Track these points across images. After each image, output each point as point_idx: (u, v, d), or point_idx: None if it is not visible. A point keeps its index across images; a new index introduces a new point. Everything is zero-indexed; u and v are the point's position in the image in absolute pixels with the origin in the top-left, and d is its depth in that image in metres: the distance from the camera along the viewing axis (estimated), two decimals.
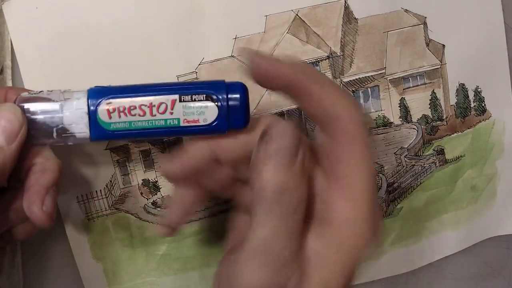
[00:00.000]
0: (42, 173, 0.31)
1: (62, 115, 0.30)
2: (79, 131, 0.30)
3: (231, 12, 0.39)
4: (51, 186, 0.31)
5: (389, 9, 0.42)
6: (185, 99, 0.30)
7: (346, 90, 0.31)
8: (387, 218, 0.45)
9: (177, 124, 0.31)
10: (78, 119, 0.30)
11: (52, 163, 0.32)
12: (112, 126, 0.30)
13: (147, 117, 0.30)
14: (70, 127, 0.30)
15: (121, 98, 0.30)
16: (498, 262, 0.51)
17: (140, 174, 0.41)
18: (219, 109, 0.31)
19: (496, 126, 0.46)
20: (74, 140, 0.31)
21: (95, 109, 0.30)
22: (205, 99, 0.30)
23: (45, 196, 0.31)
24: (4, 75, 0.37)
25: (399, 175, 0.45)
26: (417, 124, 0.44)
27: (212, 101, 0.31)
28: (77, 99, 0.30)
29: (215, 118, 0.31)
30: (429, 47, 0.43)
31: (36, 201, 0.30)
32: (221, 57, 0.40)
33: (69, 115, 0.30)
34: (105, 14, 0.37)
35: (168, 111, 0.30)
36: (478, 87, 0.45)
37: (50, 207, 0.31)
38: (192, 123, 0.31)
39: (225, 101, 0.31)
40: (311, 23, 0.41)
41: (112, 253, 0.42)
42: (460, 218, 0.47)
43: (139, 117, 0.30)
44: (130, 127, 0.30)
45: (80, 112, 0.30)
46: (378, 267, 0.46)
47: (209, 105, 0.31)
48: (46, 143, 0.31)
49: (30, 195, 0.31)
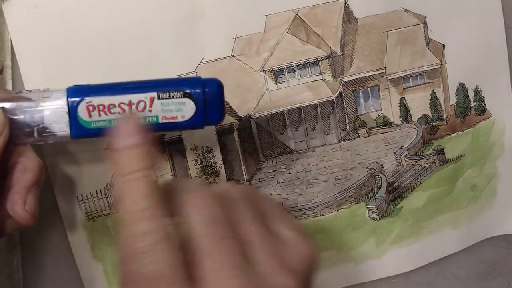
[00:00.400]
0: (23, 173, 0.31)
1: (42, 115, 0.30)
2: (60, 130, 0.31)
3: (231, 12, 0.39)
4: (33, 185, 0.31)
5: (389, 9, 0.42)
6: (163, 97, 0.31)
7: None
8: (387, 218, 0.45)
9: (156, 121, 0.31)
10: (59, 119, 0.30)
11: (33, 162, 0.32)
12: (92, 125, 0.31)
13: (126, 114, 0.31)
14: (50, 126, 0.31)
15: (101, 96, 0.30)
16: (498, 262, 0.51)
17: None
18: (196, 105, 0.31)
19: (496, 126, 0.46)
20: (55, 138, 0.31)
21: (75, 108, 0.30)
22: (183, 96, 0.31)
23: (27, 195, 0.31)
24: (4, 75, 0.37)
25: (399, 174, 0.45)
26: (417, 124, 0.44)
27: (189, 98, 0.31)
28: (57, 98, 0.30)
29: (193, 114, 0.31)
30: (429, 47, 0.43)
31: (18, 201, 0.31)
32: (221, 56, 0.40)
33: (49, 115, 0.30)
34: (105, 14, 0.37)
35: (147, 109, 0.31)
36: (478, 87, 0.45)
37: (32, 206, 0.31)
38: (170, 119, 0.31)
39: (202, 97, 0.31)
40: (311, 23, 0.41)
41: (112, 253, 0.42)
42: (460, 217, 0.47)
43: (119, 115, 0.31)
44: (110, 125, 0.31)
45: (60, 112, 0.30)
46: (378, 266, 0.46)
47: (187, 101, 0.31)
48: (27, 142, 0.31)
49: (12, 195, 0.31)
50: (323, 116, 0.43)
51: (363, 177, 0.44)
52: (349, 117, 0.43)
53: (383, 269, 0.47)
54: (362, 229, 0.45)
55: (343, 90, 0.43)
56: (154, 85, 0.31)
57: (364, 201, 0.45)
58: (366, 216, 0.45)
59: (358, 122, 0.44)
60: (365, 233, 0.45)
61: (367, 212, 0.45)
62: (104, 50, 0.38)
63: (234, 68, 0.40)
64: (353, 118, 0.43)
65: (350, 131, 0.44)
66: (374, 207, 0.45)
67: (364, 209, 0.45)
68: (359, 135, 0.44)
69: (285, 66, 0.41)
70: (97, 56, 0.38)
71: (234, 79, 0.40)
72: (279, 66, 0.41)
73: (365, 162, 0.44)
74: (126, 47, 0.38)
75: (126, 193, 0.27)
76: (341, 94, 0.43)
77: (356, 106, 0.43)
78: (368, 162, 0.44)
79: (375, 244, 0.46)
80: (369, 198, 0.45)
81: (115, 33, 0.38)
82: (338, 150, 0.44)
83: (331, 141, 0.43)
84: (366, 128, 0.44)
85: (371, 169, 0.44)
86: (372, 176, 0.44)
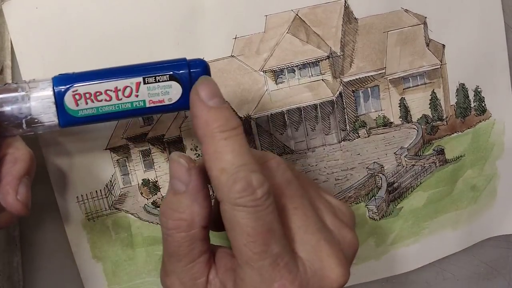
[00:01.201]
0: (13, 164, 0.32)
1: (29, 106, 0.30)
2: (48, 120, 0.31)
3: (231, 12, 0.39)
4: (24, 175, 0.32)
5: (389, 9, 0.42)
6: (149, 81, 0.31)
7: None
8: (387, 218, 0.45)
9: (143, 105, 0.31)
10: (46, 109, 0.30)
11: (23, 152, 0.32)
12: (79, 113, 0.31)
13: (113, 101, 0.31)
14: (38, 117, 0.30)
15: (87, 85, 0.30)
16: (498, 262, 0.51)
17: (140, 174, 0.41)
18: (182, 87, 0.31)
19: (496, 126, 0.46)
20: (43, 129, 0.31)
21: (62, 98, 0.30)
22: (169, 79, 0.31)
23: (18, 186, 0.31)
24: (4, 75, 0.37)
25: (399, 175, 0.45)
26: (417, 124, 0.44)
27: (175, 81, 0.31)
28: (43, 89, 0.30)
29: (180, 97, 0.31)
30: (429, 47, 0.43)
31: (10, 192, 0.31)
32: (221, 57, 0.40)
33: (36, 106, 0.30)
34: (105, 14, 0.37)
35: (133, 94, 0.31)
36: (478, 87, 0.45)
37: (24, 196, 0.31)
38: (157, 103, 0.31)
39: (188, 79, 0.31)
40: (311, 23, 0.41)
41: (112, 253, 0.42)
42: (460, 218, 0.47)
43: (106, 102, 0.31)
44: (98, 112, 0.31)
45: (47, 102, 0.30)
46: (378, 267, 0.46)
47: (173, 84, 0.31)
48: (16, 134, 0.31)
49: (3, 186, 0.31)
50: (323, 116, 0.43)
51: (363, 177, 0.44)
52: (349, 117, 0.43)
53: (383, 269, 0.47)
54: (362, 229, 0.45)
55: (343, 90, 0.43)
56: (139, 69, 0.31)
57: (364, 201, 0.45)
58: (366, 216, 0.45)
59: (358, 122, 0.44)
60: (365, 233, 0.45)
61: (367, 212, 0.45)
62: (104, 50, 0.38)
63: (234, 68, 0.40)
64: (353, 118, 0.43)
65: (350, 131, 0.44)
66: (374, 207, 0.45)
67: (364, 209, 0.45)
68: (359, 135, 0.44)
69: (285, 66, 0.41)
70: (97, 56, 0.38)
71: (234, 79, 0.40)
72: (279, 66, 0.41)
73: (365, 162, 0.44)
74: (126, 47, 0.38)
75: (227, 150, 0.27)
76: (341, 94, 0.43)
77: (356, 106, 0.43)
78: (368, 162, 0.44)
79: (375, 244, 0.46)
80: (369, 198, 0.45)
81: (115, 33, 0.38)
82: (338, 150, 0.44)
83: (331, 141, 0.43)
84: (366, 128, 0.44)
85: (371, 169, 0.44)
86: (372, 176, 0.44)
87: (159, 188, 0.41)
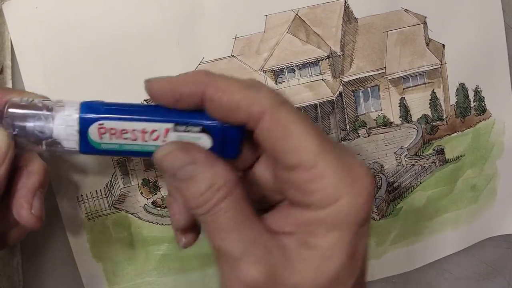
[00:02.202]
0: (28, 177, 0.31)
1: (52, 127, 0.29)
2: (69, 146, 0.30)
3: (231, 12, 0.39)
4: (38, 188, 0.31)
5: (389, 8, 0.42)
6: (179, 129, 0.29)
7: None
8: (387, 218, 0.45)
9: None
10: (69, 135, 0.29)
11: (37, 165, 0.32)
12: (102, 146, 0.30)
13: (138, 141, 0.29)
14: (60, 141, 0.30)
15: (114, 121, 0.29)
16: (498, 262, 0.51)
17: (140, 174, 0.41)
18: (213, 142, 0.30)
19: (496, 126, 0.46)
20: (62, 151, 0.30)
21: (86, 127, 0.29)
22: (200, 131, 0.29)
23: (32, 199, 0.31)
24: (4, 75, 0.37)
25: (399, 174, 0.45)
26: (417, 124, 0.44)
27: (207, 133, 0.29)
28: (69, 115, 0.29)
29: (208, 149, 0.30)
30: (429, 47, 0.43)
31: (24, 205, 0.30)
32: (221, 56, 0.40)
33: (60, 131, 0.29)
34: (105, 13, 0.37)
35: (160, 139, 0.29)
36: (478, 87, 0.45)
37: (38, 210, 0.31)
38: None
39: (220, 133, 0.29)
40: (311, 22, 0.41)
41: (112, 253, 0.42)
42: (460, 218, 0.47)
43: (131, 141, 0.29)
44: (121, 148, 0.30)
45: (71, 129, 0.29)
46: (378, 267, 0.46)
47: (203, 136, 0.29)
48: (34, 151, 0.31)
49: (18, 199, 0.31)
50: (323, 116, 0.43)
51: None
52: (349, 117, 0.43)
53: (383, 269, 0.47)
54: None
55: (343, 90, 0.43)
56: (171, 114, 0.29)
57: None
58: None
59: (358, 122, 0.44)
60: None
61: None
62: (105, 50, 0.38)
63: (234, 68, 0.40)
64: (353, 118, 0.43)
65: (350, 131, 0.44)
66: (374, 207, 0.45)
67: None
68: (359, 135, 0.44)
69: (285, 66, 0.41)
70: (97, 55, 0.38)
71: None
72: (279, 66, 0.41)
73: (365, 162, 0.44)
74: (126, 47, 0.38)
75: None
76: (341, 94, 0.43)
77: (356, 106, 0.43)
78: (368, 162, 0.44)
79: (375, 244, 0.46)
80: None
81: (115, 33, 0.38)
82: None
83: None
84: (366, 128, 0.44)
85: (371, 169, 0.44)
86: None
87: (159, 188, 0.41)
